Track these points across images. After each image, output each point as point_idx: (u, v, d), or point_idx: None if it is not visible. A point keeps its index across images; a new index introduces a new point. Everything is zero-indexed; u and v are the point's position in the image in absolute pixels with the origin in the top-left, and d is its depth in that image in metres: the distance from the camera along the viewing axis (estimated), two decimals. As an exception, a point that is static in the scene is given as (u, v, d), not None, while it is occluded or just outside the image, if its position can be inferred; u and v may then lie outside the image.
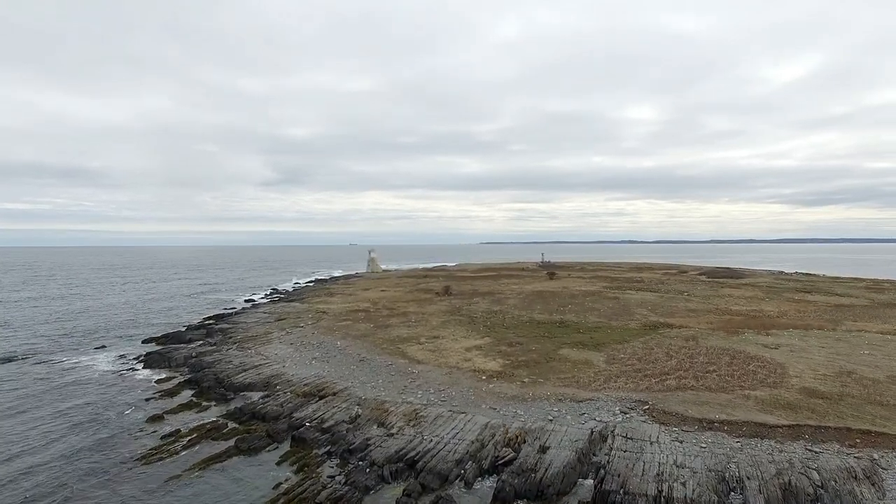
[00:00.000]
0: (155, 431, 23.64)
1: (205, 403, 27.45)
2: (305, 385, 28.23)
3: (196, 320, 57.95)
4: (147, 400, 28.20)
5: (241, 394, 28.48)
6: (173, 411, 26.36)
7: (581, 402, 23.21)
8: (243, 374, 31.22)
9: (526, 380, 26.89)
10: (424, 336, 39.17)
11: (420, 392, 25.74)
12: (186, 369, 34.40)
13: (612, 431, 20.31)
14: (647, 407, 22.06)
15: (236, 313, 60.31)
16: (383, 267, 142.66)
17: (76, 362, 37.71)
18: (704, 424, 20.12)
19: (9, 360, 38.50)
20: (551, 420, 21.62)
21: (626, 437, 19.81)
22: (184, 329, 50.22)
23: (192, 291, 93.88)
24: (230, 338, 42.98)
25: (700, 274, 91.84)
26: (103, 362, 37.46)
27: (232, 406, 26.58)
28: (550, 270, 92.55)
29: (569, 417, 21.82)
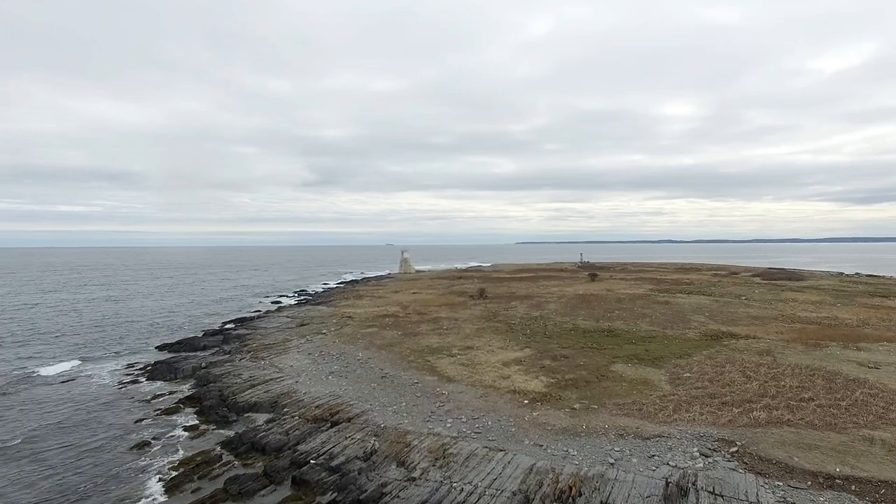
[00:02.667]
0: (136, 463, 20.15)
1: (203, 427, 23.94)
2: (317, 407, 24.42)
3: (217, 324, 55.31)
4: (138, 421, 24.86)
5: (246, 415, 24.89)
6: (165, 436, 22.90)
7: (648, 438, 18.65)
8: (251, 390, 27.67)
9: (576, 405, 22.43)
10: (457, 346, 35.03)
11: (450, 420, 21.58)
12: (192, 383, 31.15)
13: (693, 483, 15.75)
14: (734, 449, 17.37)
15: (259, 317, 57.40)
16: (416, 268, 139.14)
17: (79, 371, 34.99)
18: (821, 480, 15.33)
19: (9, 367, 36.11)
20: (612, 464, 17.18)
21: (712, 492, 15.26)
22: (201, 335, 47.40)
23: (221, 293, 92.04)
24: (246, 346, 39.73)
25: (754, 276, 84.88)
26: (107, 373, 34.57)
27: (232, 431, 22.96)
28: (592, 272, 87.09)
29: (634, 460, 17.33)
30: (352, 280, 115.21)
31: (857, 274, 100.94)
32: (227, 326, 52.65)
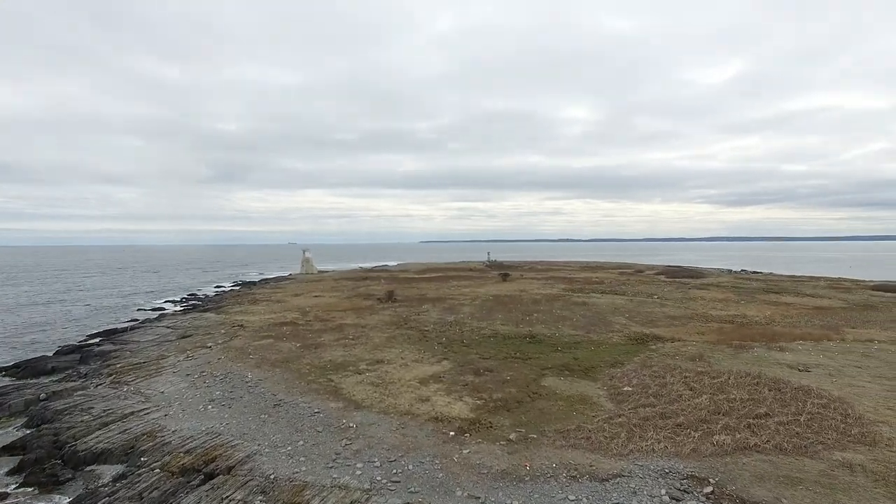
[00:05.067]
0: None
1: (15, 494, 17.59)
2: (188, 452, 18.87)
3: (79, 338, 46.54)
4: (-78, 490, 18.02)
5: (88, 469, 18.75)
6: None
7: (606, 480, 15.22)
8: (101, 431, 21.37)
9: (512, 435, 18.72)
10: (365, 360, 30.37)
11: (359, 465, 17.01)
12: (21, 423, 24.02)
13: (671, 541, 12.49)
14: (709, 489, 14.37)
15: (134, 328, 49.07)
16: (319, 268, 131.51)
17: None
18: (823, 530, 12.65)
19: None
20: (570, 520, 13.59)
21: (697, 553, 12.06)
22: (52, 353, 39.01)
23: (95, 299, 79.91)
24: (108, 366, 32.53)
25: (657, 274, 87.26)
26: None
27: (62, 498, 16.97)
28: (503, 271, 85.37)
29: (595, 512, 13.86)
30: (248, 282, 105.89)
31: (742, 271, 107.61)
32: (91, 341, 44.23)
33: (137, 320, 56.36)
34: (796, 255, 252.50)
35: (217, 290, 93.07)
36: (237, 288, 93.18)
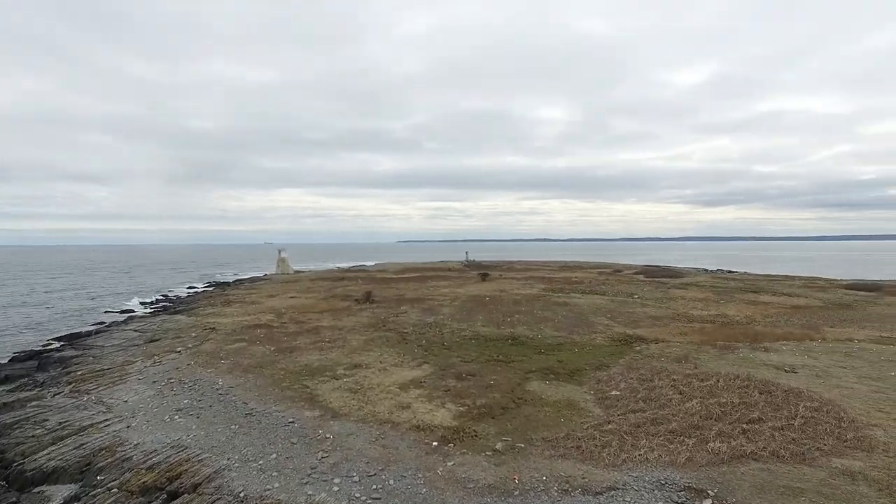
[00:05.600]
0: None
1: (-45, 518, 16.08)
2: (151, 469, 17.47)
3: (40, 343, 44.29)
4: None
5: (35, 491, 17.18)
6: None
7: (600, 493, 14.34)
8: (55, 447, 19.78)
9: (498, 445, 17.75)
10: (342, 365, 29.15)
11: (337, 480, 15.84)
12: (-33, 437, 22.32)
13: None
14: (709, 502, 13.59)
15: (100, 331, 46.88)
16: (296, 268, 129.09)
17: None
18: (832, 547, 11.95)
19: None
20: (564, 538, 12.67)
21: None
22: (7, 359, 36.81)
23: (61, 301, 76.60)
24: (68, 373, 30.72)
25: (636, 273, 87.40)
26: None
27: (6, 524, 15.52)
28: (482, 271, 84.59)
29: (590, 529, 12.97)
30: (222, 282, 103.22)
31: (719, 270, 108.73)
32: (52, 346, 42.04)
33: (104, 323, 54.12)
34: (768, 255, 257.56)
35: (190, 290, 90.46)
36: (210, 289, 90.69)
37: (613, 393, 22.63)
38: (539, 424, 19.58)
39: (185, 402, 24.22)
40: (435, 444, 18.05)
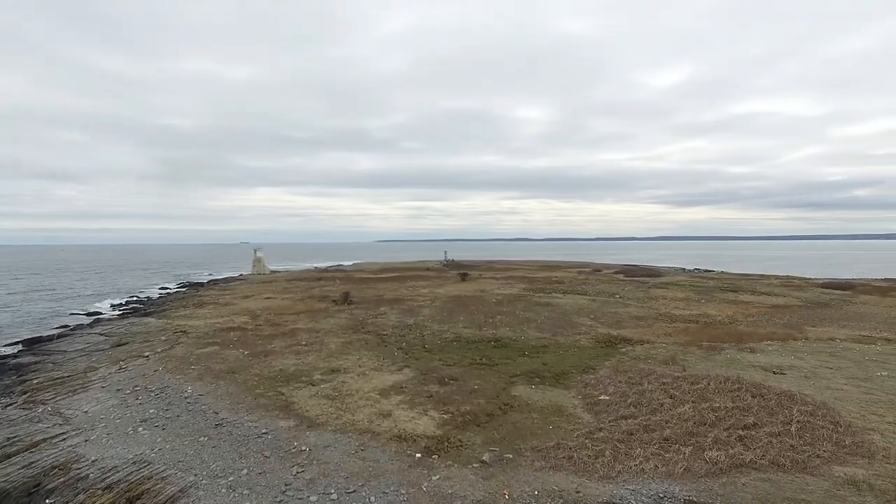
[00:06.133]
0: None
1: None
2: (109, 488, 16.01)
3: (-3, 348, 41.94)
4: None
5: (-23, 514, 15.77)
6: None
7: (595, 509, 13.46)
8: (3, 463, 18.24)
9: (485, 456, 16.73)
10: (319, 370, 27.86)
11: (314, 497, 14.63)
12: None
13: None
14: (711, 517, 12.79)
15: (63, 335, 44.61)
16: (272, 268, 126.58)
17: None
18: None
19: None
20: (558, 560, 11.71)
21: None
22: (-40, 366, 34.61)
23: (24, 303, 73.28)
24: (24, 381, 28.80)
25: (616, 272, 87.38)
26: None
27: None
28: (461, 271, 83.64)
29: (586, 550, 12.04)
30: (196, 283, 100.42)
31: (696, 269, 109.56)
32: (7, 352, 39.75)
33: (68, 326, 51.59)
34: (743, 254, 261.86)
35: (162, 291, 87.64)
36: (183, 289, 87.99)
37: (602, 397, 21.81)
38: (527, 432, 18.64)
39: (151, 411, 22.70)
40: (418, 455, 16.96)
